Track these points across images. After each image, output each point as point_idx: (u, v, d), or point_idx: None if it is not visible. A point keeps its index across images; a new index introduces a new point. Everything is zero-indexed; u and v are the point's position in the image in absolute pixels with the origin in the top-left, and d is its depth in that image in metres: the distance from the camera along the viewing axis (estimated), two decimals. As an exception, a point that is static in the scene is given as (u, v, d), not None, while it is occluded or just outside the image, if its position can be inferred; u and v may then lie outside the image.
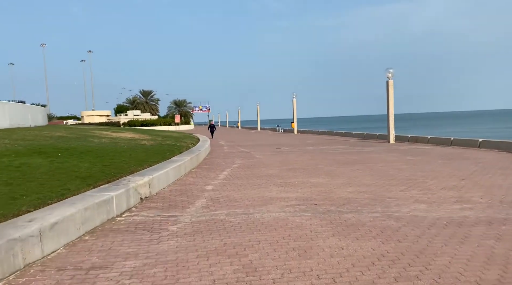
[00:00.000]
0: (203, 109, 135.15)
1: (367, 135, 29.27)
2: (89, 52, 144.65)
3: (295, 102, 42.20)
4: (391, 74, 23.47)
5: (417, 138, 23.59)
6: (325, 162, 13.80)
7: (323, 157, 15.75)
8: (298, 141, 27.15)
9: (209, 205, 7.28)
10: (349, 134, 32.53)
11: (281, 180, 10.00)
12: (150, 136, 22.27)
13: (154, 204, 7.39)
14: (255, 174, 11.18)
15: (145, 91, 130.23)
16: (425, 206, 6.90)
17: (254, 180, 10.20)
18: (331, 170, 11.76)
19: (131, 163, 10.39)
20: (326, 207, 6.93)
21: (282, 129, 49.95)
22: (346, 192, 8.25)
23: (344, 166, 12.52)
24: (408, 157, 15.00)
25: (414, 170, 11.28)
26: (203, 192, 8.62)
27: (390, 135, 23.59)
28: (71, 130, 21.33)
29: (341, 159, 14.62)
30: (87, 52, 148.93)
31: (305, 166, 12.91)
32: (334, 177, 10.32)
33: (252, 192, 8.50)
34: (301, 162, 13.98)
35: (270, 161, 14.75)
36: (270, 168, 12.46)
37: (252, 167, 12.87)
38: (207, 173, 11.62)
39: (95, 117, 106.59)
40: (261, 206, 7.14)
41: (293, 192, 8.35)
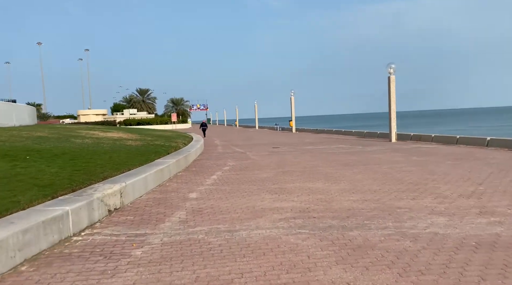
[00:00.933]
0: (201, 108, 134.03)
1: (367, 134, 28.18)
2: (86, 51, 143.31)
3: (293, 99, 41.12)
4: (393, 69, 22.37)
5: (420, 136, 22.49)
6: (324, 164, 12.69)
7: (323, 157, 14.64)
8: (296, 140, 26.04)
9: (188, 219, 6.16)
10: (348, 132, 31.44)
11: (276, 186, 8.89)
12: (141, 135, 21.13)
13: (124, 218, 6.27)
14: (248, 178, 10.07)
15: (142, 89, 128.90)
16: (445, 219, 5.80)
17: (245, 185, 9.08)
18: (331, 173, 10.65)
19: (108, 167, 9.27)
20: (327, 221, 5.82)
21: (280, 128, 48.84)
22: (350, 201, 7.14)
23: (345, 168, 11.41)
24: (414, 157, 13.90)
25: (423, 173, 10.18)
26: (185, 201, 7.49)
27: (392, 134, 22.50)
28: (56, 129, 20.17)
29: (341, 160, 13.51)
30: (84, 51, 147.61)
31: (302, 168, 11.81)
32: (335, 182, 9.21)
33: (241, 201, 7.38)
34: (298, 164, 12.87)
35: (266, 162, 13.64)
36: (264, 171, 11.35)
37: (245, 170, 11.75)
38: (194, 177, 10.50)
39: (91, 116, 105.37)
40: (250, 219, 6.02)
41: (288, 201, 7.24)
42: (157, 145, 15.83)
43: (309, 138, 27.91)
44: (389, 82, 22.31)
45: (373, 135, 27.14)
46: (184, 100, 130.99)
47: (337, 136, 29.69)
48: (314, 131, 39.04)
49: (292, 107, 41.18)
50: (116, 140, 16.79)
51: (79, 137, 16.54)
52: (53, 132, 17.43)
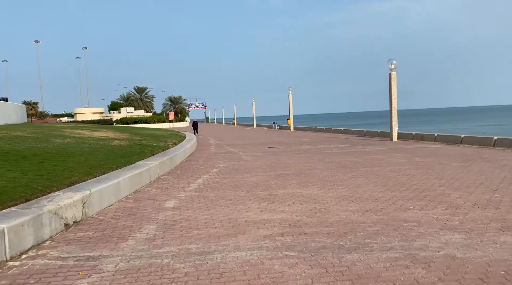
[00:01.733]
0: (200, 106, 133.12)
1: (367, 133, 27.23)
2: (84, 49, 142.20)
3: (291, 97, 40.12)
4: (394, 65, 21.40)
5: (423, 135, 21.54)
6: (321, 166, 11.74)
7: (320, 158, 13.69)
8: (293, 139, 25.09)
9: (157, 235, 5.21)
10: (348, 131, 30.48)
11: (266, 192, 7.94)
12: (130, 135, 20.16)
13: (81, 234, 5.31)
14: (235, 183, 9.12)
15: (139, 87, 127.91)
16: (461, 237, 4.85)
17: (232, 191, 8.13)
18: (329, 176, 9.70)
19: (79, 170, 8.31)
20: (321, 239, 4.87)
21: (278, 126, 47.88)
22: (348, 212, 6.20)
23: (344, 171, 10.47)
24: (417, 158, 12.96)
25: (429, 177, 9.23)
26: (159, 212, 6.54)
27: (393, 133, 21.55)
28: (40, 128, 19.20)
29: (340, 162, 12.56)
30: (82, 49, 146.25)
31: (297, 170, 10.86)
32: (332, 187, 8.26)
33: (224, 211, 6.43)
34: (293, 166, 11.92)
35: (258, 164, 12.69)
36: (255, 174, 10.40)
37: (235, 173, 10.80)
38: (178, 182, 9.54)
39: (88, 114, 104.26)
40: (229, 237, 5.07)
41: (277, 212, 6.29)
42: (143, 145, 14.87)
43: (306, 137, 26.96)
44: (390, 79, 21.35)
45: (373, 134, 26.20)
46: (182, 99, 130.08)
47: (336, 135, 28.74)
48: (312, 129, 38.10)
49: (290, 105, 40.20)
50: (101, 139, 15.82)
51: (61, 136, 15.58)
52: (34, 132, 16.46)
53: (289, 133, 34.61)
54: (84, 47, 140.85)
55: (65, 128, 20.77)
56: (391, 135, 21.59)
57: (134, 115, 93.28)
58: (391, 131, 21.62)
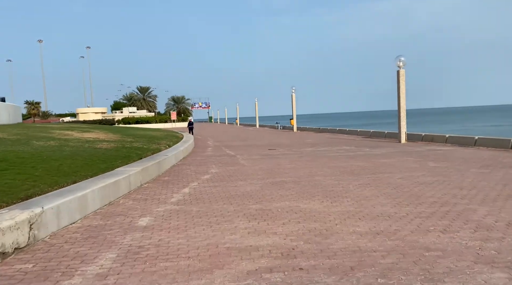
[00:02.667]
0: (203, 106, 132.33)
1: (373, 133, 26.02)
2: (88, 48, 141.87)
3: (294, 97, 38.98)
4: (402, 62, 20.20)
5: (433, 136, 20.32)
6: (324, 172, 10.60)
7: (323, 163, 12.54)
8: (296, 140, 23.95)
9: (112, 270, 4.11)
10: (353, 132, 29.27)
11: (258, 206, 6.82)
12: (123, 136, 19.12)
13: (18, 267, 4.22)
14: (226, 193, 8.01)
15: (142, 87, 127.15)
16: (504, 275, 3.72)
17: (219, 204, 7.02)
18: (332, 185, 8.57)
19: (45, 180, 7.23)
20: (320, 279, 3.75)
21: (281, 126, 46.75)
22: (355, 235, 5.07)
23: (349, 179, 9.33)
24: (431, 163, 11.79)
25: (447, 186, 8.08)
26: (127, 233, 5.44)
27: (401, 134, 20.34)
28: (26, 129, 18.22)
29: (345, 167, 11.41)
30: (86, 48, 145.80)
31: (297, 177, 9.73)
32: (336, 200, 7.13)
33: (204, 233, 5.32)
34: (293, 171, 10.79)
35: (255, 169, 11.58)
36: (250, 182, 9.29)
37: (227, 180, 9.69)
38: (160, 191, 8.44)
39: (91, 114, 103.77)
40: (203, 273, 3.96)
41: (268, 234, 5.18)
42: (132, 148, 13.80)
43: (310, 138, 25.81)
44: (398, 77, 20.15)
45: (380, 135, 24.99)
46: (185, 98, 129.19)
47: (341, 136, 27.56)
48: (316, 130, 36.92)
49: (293, 104, 39.04)
50: (88, 141, 14.77)
51: (46, 138, 14.54)
52: (18, 133, 15.45)
53: (292, 134, 33.47)
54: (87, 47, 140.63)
55: (55, 129, 19.76)
56: (399, 137, 20.38)
57: (136, 115, 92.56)
58: (400, 132, 20.42)
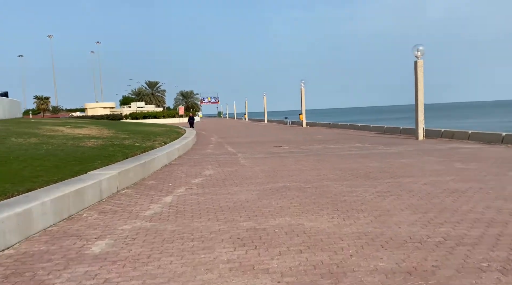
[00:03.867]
0: (212, 101, 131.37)
1: (387, 129, 24.38)
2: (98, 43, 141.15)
3: (303, 90, 37.36)
4: (421, 52, 18.52)
5: (453, 133, 18.64)
6: (335, 174, 9.13)
7: (333, 163, 11.05)
8: (304, 137, 22.44)
9: None
10: (366, 127, 27.63)
11: (250, 223, 5.40)
12: (117, 132, 17.83)
13: None
14: (214, 204, 6.59)
15: (151, 82, 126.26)
16: None
17: (201, 221, 5.61)
18: (345, 193, 7.10)
19: (-9, 188, 5.89)
20: None
21: (290, 122, 45.20)
22: (378, 276, 3.61)
23: (365, 184, 7.84)
24: (457, 164, 10.23)
25: (486, 195, 6.56)
26: (67, 268, 4.04)
27: (419, 130, 18.71)
28: (15, 125, 17.05)
29: (359, 169, 9.92)
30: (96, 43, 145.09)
31: (303, 182, 8.27)
32: (350, 214, 5.67)
33: (169, 270, 3.90)
34: (299, 174, 9.34)
35: (255, 170, 10.14)
36: (246, 187, 7.86)
37: (221, 185, 8.28)
38: (137, 200, 7.05)
39: (99, 109, 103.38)
40: None
41: (257, 273, 3.75)
42: (121, 146, 12.46)
43: (320, 134, 24.27)
44: (416, 68, 18.49)
45: (394, 131, 23.35)
46: (194, 93, 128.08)
47: (352, 132, 25.97)
48: (326, 125, 35.32)
49: (302, 99, 37.44)
50: (75, 138, 13.47)
51: (29, 135, 13.28)
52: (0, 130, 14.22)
53: (301, 129, 31.93)
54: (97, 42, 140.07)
55: (47, 125, 18.53)
56: (417, 133, 18.75)
57: (144, 110, 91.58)
58: (417, 128, 18.78)
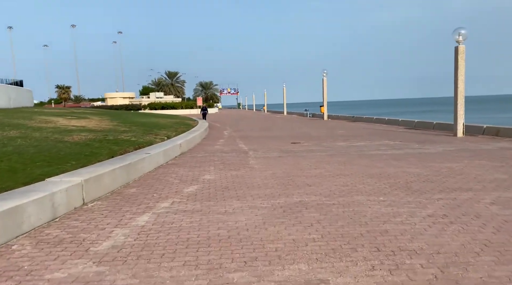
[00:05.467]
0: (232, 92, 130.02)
1: (418, 124, 22.04)
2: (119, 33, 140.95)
3: (325, 81, 35.11)
4: (463, 36, 16.13)
5: (498, 129, 16.25)
6: (366, 185, 7.13)
7: (362, 167, 9.04)
8: (326, 131, 20.37)
9: None
10: (393, 121, 25.28)
11: (243, 275, 3.51)
12: (119, 123, 16.20)
13: None
14: (200, 233, 4.73)
15: (171, 72, 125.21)
16: None
17: (172, 269, 3.76)
18: (384, 217, 5.12)
19: None
20: None
21: (310, 114, 43.02)
22: None
23: (409, 202, 5.83)
24: (522, 171, 8.07)
25: None
26: None
27: (458, 125, 16.39)
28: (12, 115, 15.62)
29: (395, 176, 7.88)
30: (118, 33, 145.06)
31: (325, 196, 6.32)
32: (397, 262, 3.72)
33: None
34: (319, 182, 7.38)
35: (266, 175, 8.24)
36: (250, 203, 5.97)
37: (218, 198, 6.41)
38: (99, 222, 5.23)
39: (118, 99, 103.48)
40: None
41: None
42: (112, 142, 10.74)
43: (342, 129, 22.15)
44: (457, 54, 16.12)
45: (427, 126, 21.01)
46: (213, 84, 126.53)
47: (378, 126, 23.72)
48: (349, 118, 33.03)
49: (324, 90, 35.21)
50: (64, 131, 11.84)
51: (14, 126, 11.73)
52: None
53: (322, 123, 29.79)
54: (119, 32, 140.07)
55: (44, 115, 17.06)
56: (455, 129, 16.43)
57: (163, 100, 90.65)
58: (456, 124, 16.46)
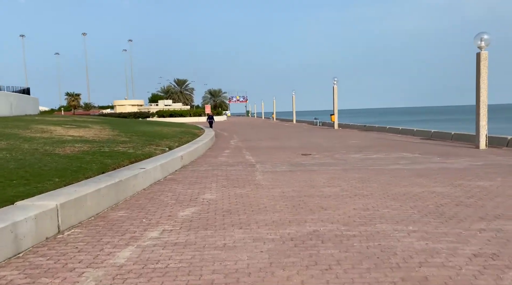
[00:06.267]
0: (241, 100, 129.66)
1: (435, 134, 20.89)
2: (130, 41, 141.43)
3: (336, 89, 34.09)
4: (485, 42, 15.08)
5: (524, 141, 15.11)
6: (390, 209, 6.11)
7: (383, 185, 8.01)
8: (338, 142, 19.33)
9: None
10: (407, 131, 24.14)
11: None
12: (120, 133, 15.37)
13: None
14: (190, 278, 3.76)
15: (179, 80, 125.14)
16: None
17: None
18: (418, 257, 4.10)
19: None
20: None
21: (320, 123, 41.96)
22: None
23: (446, 234, 4.80)
24: None
25: None
26: None
27: (480, 137, 15.26)
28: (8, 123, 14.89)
29: (423, 197, 6.84)
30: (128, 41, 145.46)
31: (344, 224, 5.32)
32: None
33: None
34: (335, 205, 6.38)
35: (274, 195, 7.26)
36: (255, 233, 4.99)
37: (217, 226, 5.44)
38: (69, 260, 4.29)
39: (127, 106, 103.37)
40: None
41: None
42: (106, 154, 9.84)
43: (355, 138, 21.09)
44: (479, 60, 15.07)
45: (444, 136, 19.86)
46: (222, 92, 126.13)
47: (392, 136, 22.62)
48: (361, 128, 31.92)
49: (334, 98, 34.17)
50: (57, 142, 11.00)
51: (8, 136, 10.93)
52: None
53: (333, 132, 28.74)
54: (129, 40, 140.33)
55: (41, 124, 16.30)
56: (478, 140, 15.31)
57: (171, 108, 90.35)
58: (478, 135, 15.34)
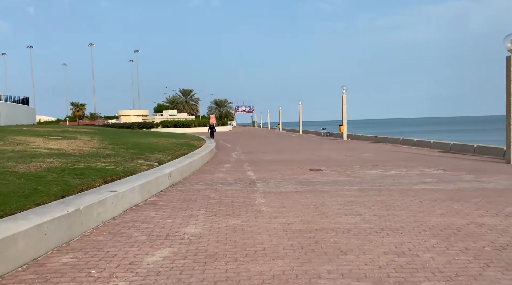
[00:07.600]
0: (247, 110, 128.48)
1: (455, 146, 19.16)
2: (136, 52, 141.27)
3: (345, 98, 32.51)
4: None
5: (562, 155, 13.35)
6: (433, 252, 4.46)
7: (413, 213, 6.35)
8: (349, 154, 17.66)
9: None
10: (423, 143, 22.40)
11: None
12: (108, 145, 13.87)
13: None
14: None
15: (185, 90, 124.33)
16: None
17: None
18: None
19: None
20: None
21: (328, 133, 40.34)
22: None
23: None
24: None
25: None
26: None
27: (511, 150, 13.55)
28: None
29: (470, 233, 5.19)
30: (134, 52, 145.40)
31: (375, 280, 3.70)
32: None
33: None
34: (357, 247, 4.75)
35: (276, 227, 5.64)
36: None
37: None
38: None
39: (132, 116, 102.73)
40: None
41: None
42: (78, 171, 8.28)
43: (367, 151, 19.41)
44: (509, 65, 13.43)
45: (466, 149, 18.12)
46: (227, 102, 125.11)
47: (407, 148, 20.91)
48: (371, 139, 30.20)
49: (343, 107, 32.59)
50: (25, 156, 9.48)
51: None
52: None
53: (342, 143, 27.06)
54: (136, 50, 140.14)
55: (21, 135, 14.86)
56: (509, 154, 13.59)
57: (176, 118, 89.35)
58: (509, 149, 13.63)
